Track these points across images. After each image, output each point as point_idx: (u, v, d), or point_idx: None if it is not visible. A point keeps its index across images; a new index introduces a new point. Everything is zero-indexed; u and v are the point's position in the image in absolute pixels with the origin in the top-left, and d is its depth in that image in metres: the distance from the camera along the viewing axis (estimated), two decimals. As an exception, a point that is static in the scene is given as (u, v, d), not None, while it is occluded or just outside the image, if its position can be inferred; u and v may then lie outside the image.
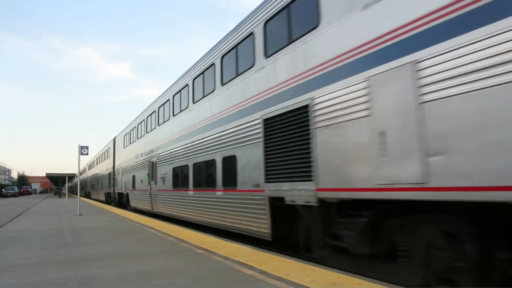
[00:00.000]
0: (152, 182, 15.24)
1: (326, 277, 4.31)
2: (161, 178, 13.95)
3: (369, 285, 3.94)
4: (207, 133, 9.94)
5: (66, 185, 42.16)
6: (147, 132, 17.03)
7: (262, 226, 7.13)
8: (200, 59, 10.91)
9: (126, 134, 22.44)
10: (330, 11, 5.65)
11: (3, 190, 60.61)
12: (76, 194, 40.61)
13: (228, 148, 8.65)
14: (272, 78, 7.10)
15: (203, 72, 10.47)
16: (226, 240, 7.42)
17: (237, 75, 8.48)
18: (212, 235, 8.36)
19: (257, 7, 7.86)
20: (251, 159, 7.58)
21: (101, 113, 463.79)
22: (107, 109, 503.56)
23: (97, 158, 37.54)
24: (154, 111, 15.80)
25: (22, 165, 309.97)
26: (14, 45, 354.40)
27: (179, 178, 12.05)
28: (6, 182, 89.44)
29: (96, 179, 36.38)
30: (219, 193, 9.02)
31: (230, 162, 8.54)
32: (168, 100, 13.76)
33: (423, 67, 4.12)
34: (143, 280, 4.46)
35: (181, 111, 12.29)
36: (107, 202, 28.00)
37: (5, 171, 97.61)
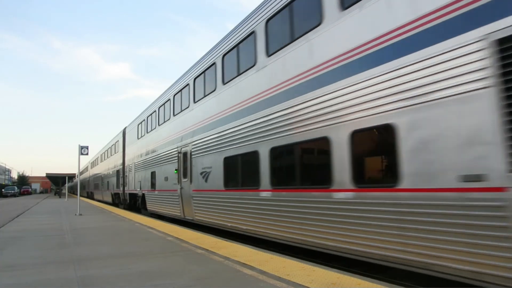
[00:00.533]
0: (184, 180, 11.64)
1: (326, 277, 4.27)
2: (202, 173, 10.42)
3: (369, 285, 3.91)
4: (303, 97, 6.41)
5: (66, 185, 42.14)
6: (174, 115, 13.14)
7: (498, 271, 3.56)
8: None
9: (140, 123, 17.99)
10: None
11: (3, 190, 60.76)
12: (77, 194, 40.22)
13: (370, 114, 5.06)
14: None
15: (287, 5, 7.05)
16: (226, 240, 7.35)
17: None
18: (212, 235, 8.28)
19: None
20: (443, 129, 4.11)
21: (101, 113, 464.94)
22: (107, 109, 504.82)
23: (101, 155, 33.79)
24: (187, 84, 11.94)
25: (22, 165, 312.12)
26: (14, 45, 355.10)
27: (239, 172, 8.72)
28: (6, 182, 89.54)
29: (101, 178, 32.36)
30: (340, 195, 5.56)
31: (371, 140, 5.40)
32: (214, 64, 9.98)
33: None
34: (143, 280, 4.45)
35: (240, 74, 8.64)
36: (115, 204, 24.51)
37: (5, 171, 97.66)
